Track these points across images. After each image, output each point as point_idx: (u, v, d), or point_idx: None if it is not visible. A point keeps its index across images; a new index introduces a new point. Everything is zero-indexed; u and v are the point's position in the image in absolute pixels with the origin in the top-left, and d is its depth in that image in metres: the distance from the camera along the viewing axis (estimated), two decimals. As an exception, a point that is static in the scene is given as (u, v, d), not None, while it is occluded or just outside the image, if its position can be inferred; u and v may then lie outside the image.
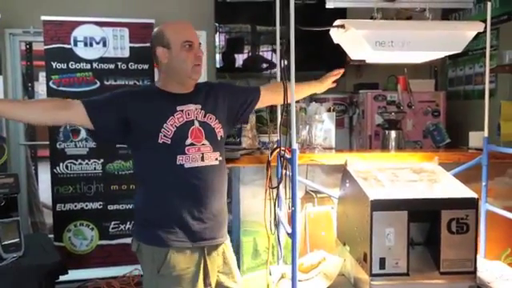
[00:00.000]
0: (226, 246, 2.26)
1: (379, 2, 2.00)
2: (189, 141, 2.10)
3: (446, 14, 4.40)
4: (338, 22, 2.03)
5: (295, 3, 1.77)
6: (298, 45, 1.81)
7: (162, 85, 2.20)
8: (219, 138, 2.20)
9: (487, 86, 2.40)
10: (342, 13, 2.12)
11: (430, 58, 2.28)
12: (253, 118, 2.90)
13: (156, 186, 2.12)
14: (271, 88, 2.45)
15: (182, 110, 2.12)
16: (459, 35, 2.03)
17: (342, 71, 2.53)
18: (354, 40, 2.00)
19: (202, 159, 2.11)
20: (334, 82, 2.57)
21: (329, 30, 2.09)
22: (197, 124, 2.13)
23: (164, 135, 2.07)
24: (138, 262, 2.20)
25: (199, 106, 2.17)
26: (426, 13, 2.09)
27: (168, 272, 2.07)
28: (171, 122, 2.09)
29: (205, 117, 2.17)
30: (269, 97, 2.42)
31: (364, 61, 2.45)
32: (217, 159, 2.16)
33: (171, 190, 2.10)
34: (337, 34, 2.08)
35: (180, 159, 2.08)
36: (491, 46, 3.67)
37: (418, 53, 2.10)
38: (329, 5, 1.99)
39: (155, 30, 2.23)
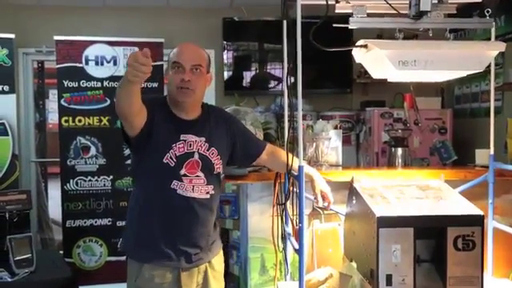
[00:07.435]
0: (212, 265, 2.23)
1: (401, 23, 2.01)
2: (183, 171, 2.10)
3: (451, 33, 4.42)
4: (360, 42, 2.06)
5: (303, 22, 1.81)
6: (306, 63, 1.83)
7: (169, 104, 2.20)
8: (215, 173, 2.19)
9: (492, 104, 2.42)
10: (348, 31, 2.13)
11: (451, 77, 2.29)
12: (261, 135, 2.92)
13: (145, 203, 2.15)
14: (275, 150, 2.39)
15: (185, 141, 2.12)
16: (481, 55, 2.03)
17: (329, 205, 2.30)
18: (377, 59, 2.01)
19: (193, 190, 2.12)
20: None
21: (351, 49, 2.11)
22: (196, 156, 2.12)
23: (170, 156, 2.08)
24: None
25: (203, 139, 2.15)
26: (447, 33, 2.12)
27: (143, 283, 2.11)
28: (174, 149, 2.09)
29: (208, 150, 2.16)
30: (267, 157, 2.37)
31: (371, 79, 2.46)
32: (208, 193, 2.15)
33: (158, 211, 2.12)
34: (359, 54, 2.10)
35: (175, 184, 2.09)
36: (497, 64, 3.71)
37: (440, 72, 2.10)
38: (352, 26, 1.99)
39: None
